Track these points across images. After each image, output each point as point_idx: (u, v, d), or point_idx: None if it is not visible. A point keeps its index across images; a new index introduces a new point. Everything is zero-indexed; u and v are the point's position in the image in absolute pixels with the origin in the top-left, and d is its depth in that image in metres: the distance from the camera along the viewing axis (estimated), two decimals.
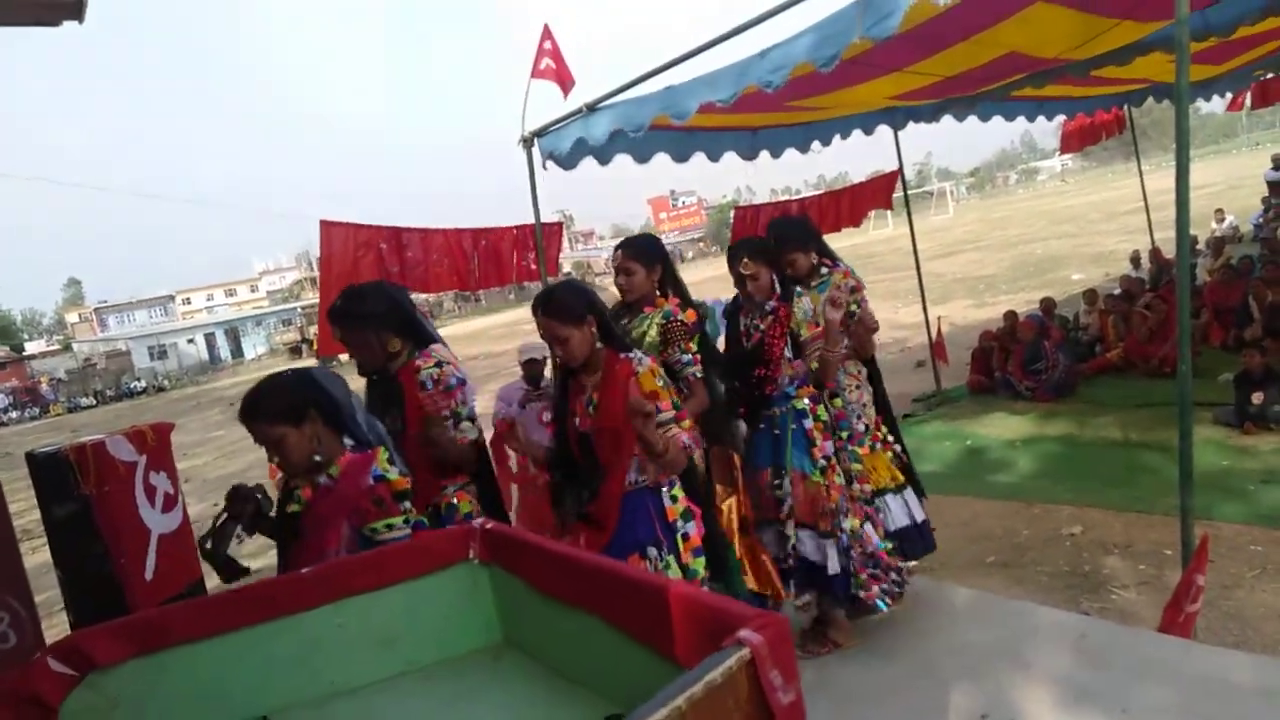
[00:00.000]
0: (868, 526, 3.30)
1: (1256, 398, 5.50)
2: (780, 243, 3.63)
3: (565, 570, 1.54)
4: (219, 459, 12.84)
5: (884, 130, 7.53)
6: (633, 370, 2.53)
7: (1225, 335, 7.51)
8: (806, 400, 3.28)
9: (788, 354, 3.28)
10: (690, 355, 3.13)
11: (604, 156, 5.48)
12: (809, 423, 3.26)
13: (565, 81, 5.33)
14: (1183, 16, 2.80)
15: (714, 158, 6.35)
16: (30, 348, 62.69)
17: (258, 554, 5.83)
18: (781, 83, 3.86)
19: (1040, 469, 5.55)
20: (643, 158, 5.77)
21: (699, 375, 3.13)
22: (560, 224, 6.46)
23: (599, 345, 2.60)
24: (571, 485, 2.71)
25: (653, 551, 2.56)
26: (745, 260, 3.30)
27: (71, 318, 74.18)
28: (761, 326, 3.30)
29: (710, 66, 4.25)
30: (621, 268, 3.34)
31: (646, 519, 2.58)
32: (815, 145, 7.08)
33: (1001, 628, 3.25)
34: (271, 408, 2.12)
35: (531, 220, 5.79)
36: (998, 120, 8.31)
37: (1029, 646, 3.07)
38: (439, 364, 2.86)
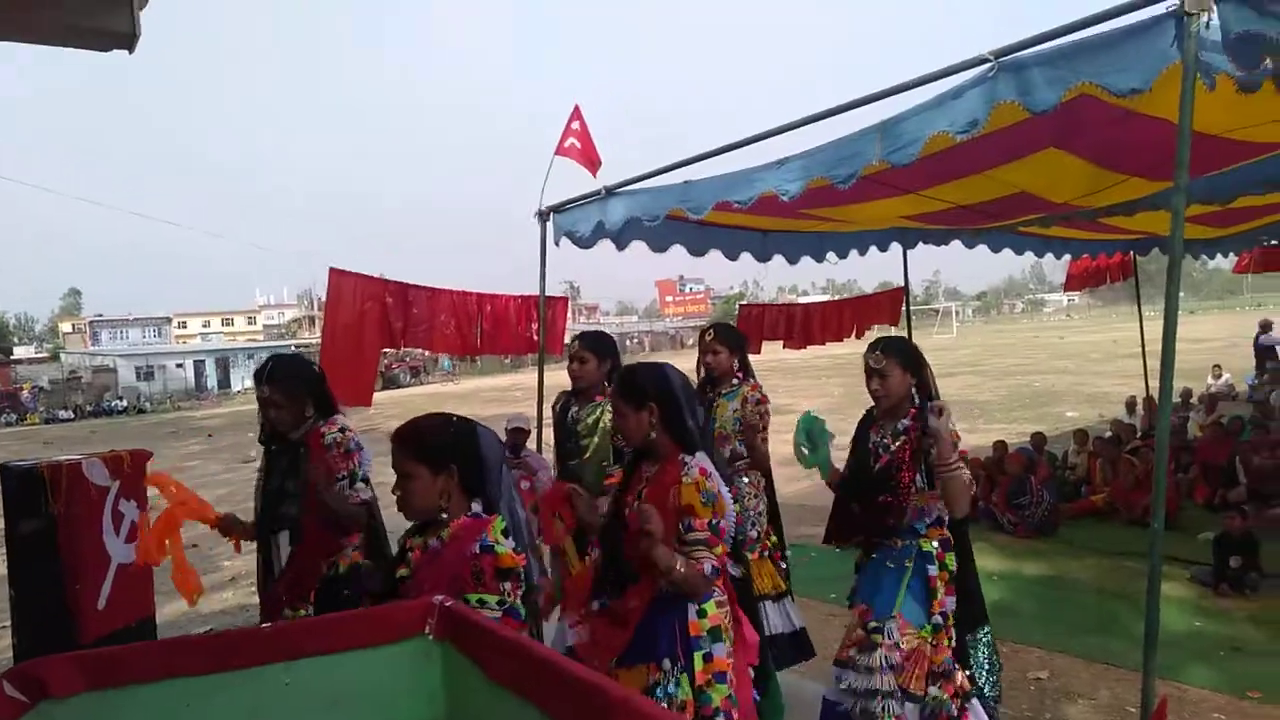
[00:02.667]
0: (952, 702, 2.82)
1: (1234, 561, 5.48)
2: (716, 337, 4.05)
3: (516, 659, 1.52)
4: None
5: (894, 248, 7.70)
6: (679, 478, 2.37)
7: (1211, 493, 7.50)
8: (936, 543, 2.89)
9: (919, 483, 2.87)
10: None
11: (621, 241, 5.58)
12: (933, 570, 2.85)
13: (592, 162, 5.47)
14: (1182, 184, 2.89)
15: (730, 256, 6.48)
16: (19, 353, 62.53)
17: None
18: (798, 193, 3.97)
19: (1014, 606, 5.48)
20: (659, 247, 5.88)
21: None
22: (566, 298, 6.54)
23: (654, 436, 2.48)
24: (608, 571, 2.55)
25: (667, 665, 2.34)
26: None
27: (65, 328, 74.28)
28: (892, 447, 2.94)
29: (730, 164, 4.38)
30: (576, 356, 3.76)
31: (669, 631, 2.37)
32: (831, 256, 7.21)
33: None
34: (420, 443, 2.10)
35: (537, 290, 5.88)
36: (1008, 249, 8.47)
37: None
38: (341, 430, 3.15)
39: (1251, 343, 14.84)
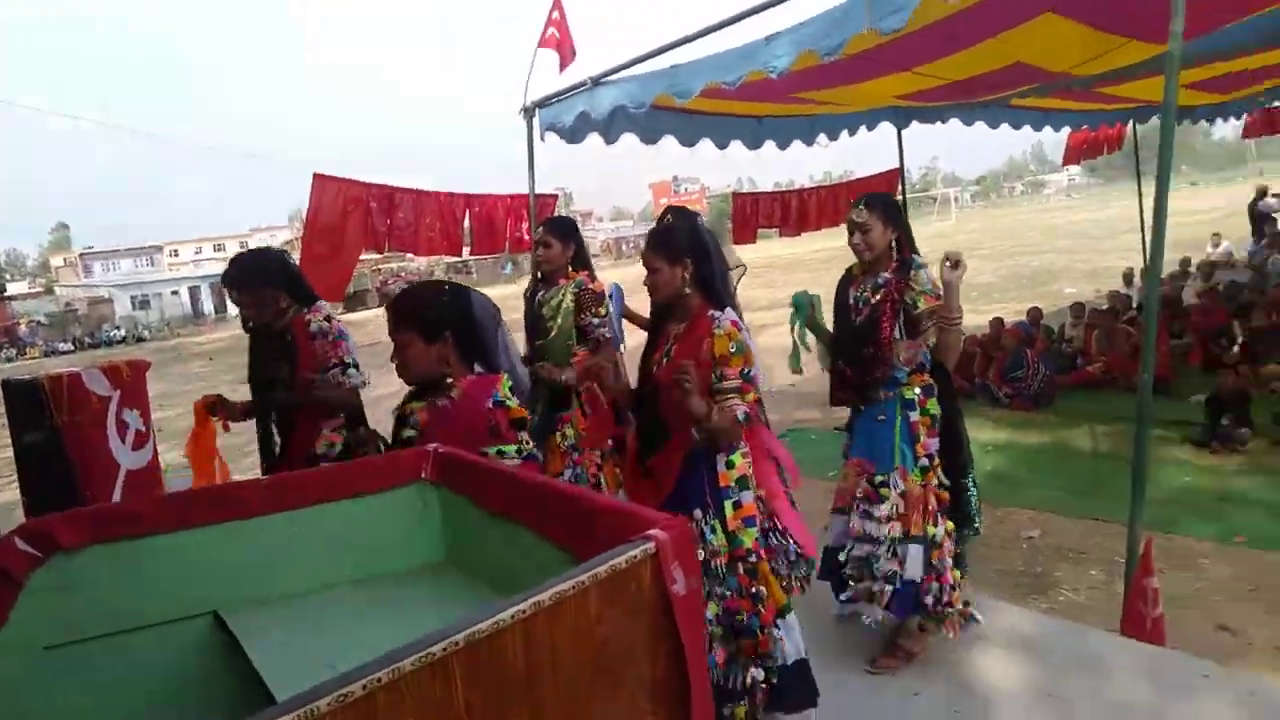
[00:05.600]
0: (947, 540, 3.00)
1: (1225, 419, 5.62)
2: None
3: (505, 489, 1.65)
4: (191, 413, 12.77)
5: (889, 132, 7.58)
6: (711, 329, 2.44)
7: (1206, 357, 7.61)
8: (918, 390, 2.97)
9: (898, 333, 2.96)
10: (600, 319, 3.82)
11: (610, 134, 5.50)
12: (915, 415, 2.95)
13: (565, 52, 5.34)
14: (1176, 32, 2.86)
15: (721, 145, 6.38)
16: (12, 289, 62.16)
17: None
18: (786, 68, 3.91)
19: (1009, 475, 5.65)
20: (650, 138, 5.80)
21: (607, 335, 3.84)
22: (555, 196, 6.50)
23: (688, 292, 2.53)
24: (646, 430, 2.63)
25: (698, 514, 2.46)
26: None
27: (56, 261, 73.52)
28: (872, 300, 3.00)
29: (716, 49, 4.29)
30: (541, 241, 3.91)
31: (699, 482, 2.49)
32: (821, 138, 7.11)
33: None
34: (414, 313, 2.18)
35: (527, 191, 5.84)
36: (1006, 129, 8.33)
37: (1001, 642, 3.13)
38: (327, 317, 3.23)
39: (1247, 209, 14.72)
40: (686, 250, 2.52)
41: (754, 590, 2.46)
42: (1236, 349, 7.33)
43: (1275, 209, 14.29)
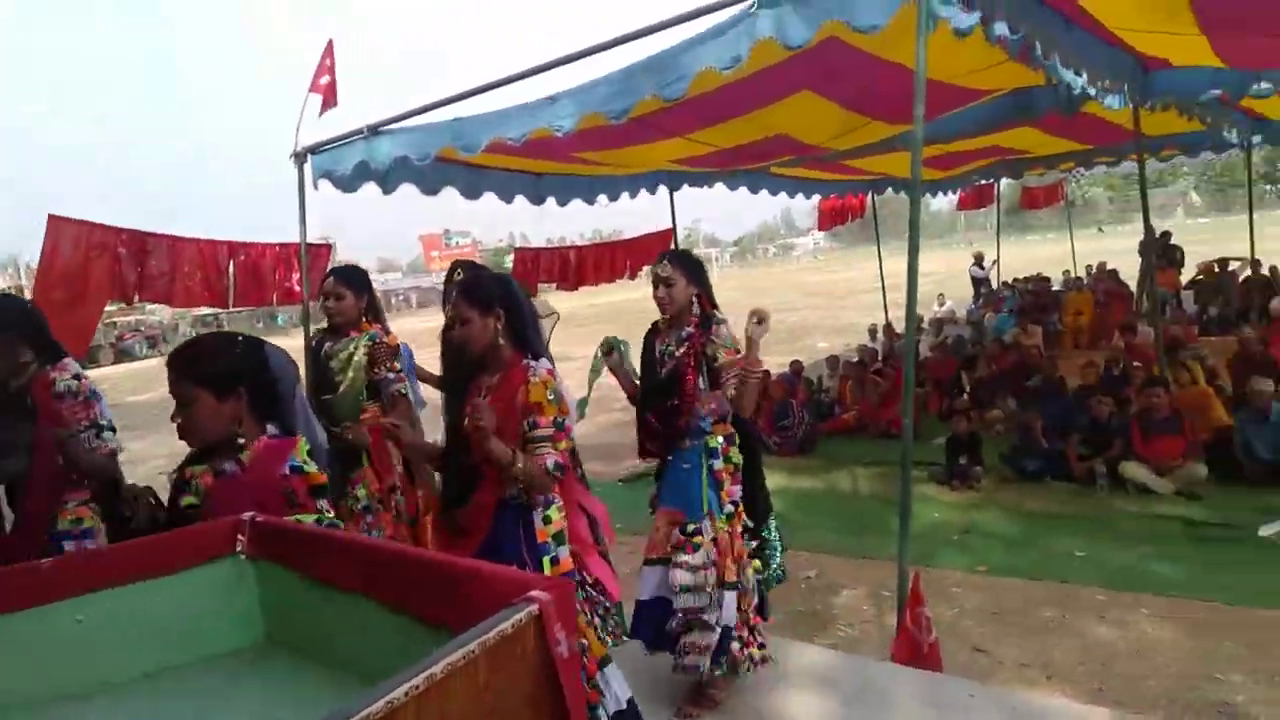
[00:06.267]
0: (752, 587, 3.07)
1: (962, 459, 6.30)
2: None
3: (344, 556, 1.49)
4: None
5: (659, 195, 7.97)
6: (526, 378, 2.41)
7: (941, 404, 8.51)
8: (721, 439, 3.05)
9: (702, 384, 3.03)
10: (396, 374, 3.62)
11: (388, 184, 5.35)
12: (718, 464, 3.03)
13: (329, 100, 5.16)
14: (918, 116, 3.23)
15: (506, 199, 6.40)
16: None
17: None
18: (572, 129, 3.99)
19: (786, 518, 5.84)
20: (431, 189, 5.70)
21: (403, 392, 3.62)
22: (328, 246, 6.20)
23: (501, 342, 2.48)
24: (453, 483, 2.56)
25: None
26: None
27: None
28: (676, 353, 3.07)
29: (501, 105, 4.31)
30: (332, 292, 3.65)
31: (514, 537, 2.42)
32: (602, 198, 7.33)
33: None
34: (203, 366, 1.92)
35: (295, 240, 5.53)
36: (763, 195, 9.05)
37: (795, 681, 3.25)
38: (76, 375, 2.89)
39: (969, 273, 16.83)
40: (498, 300, 2.49)
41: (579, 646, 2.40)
42: (965, 396, 8.26)
43: (983, 274, 16.48)
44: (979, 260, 16.48)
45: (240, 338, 2.07)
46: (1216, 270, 12.51)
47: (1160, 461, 5.75)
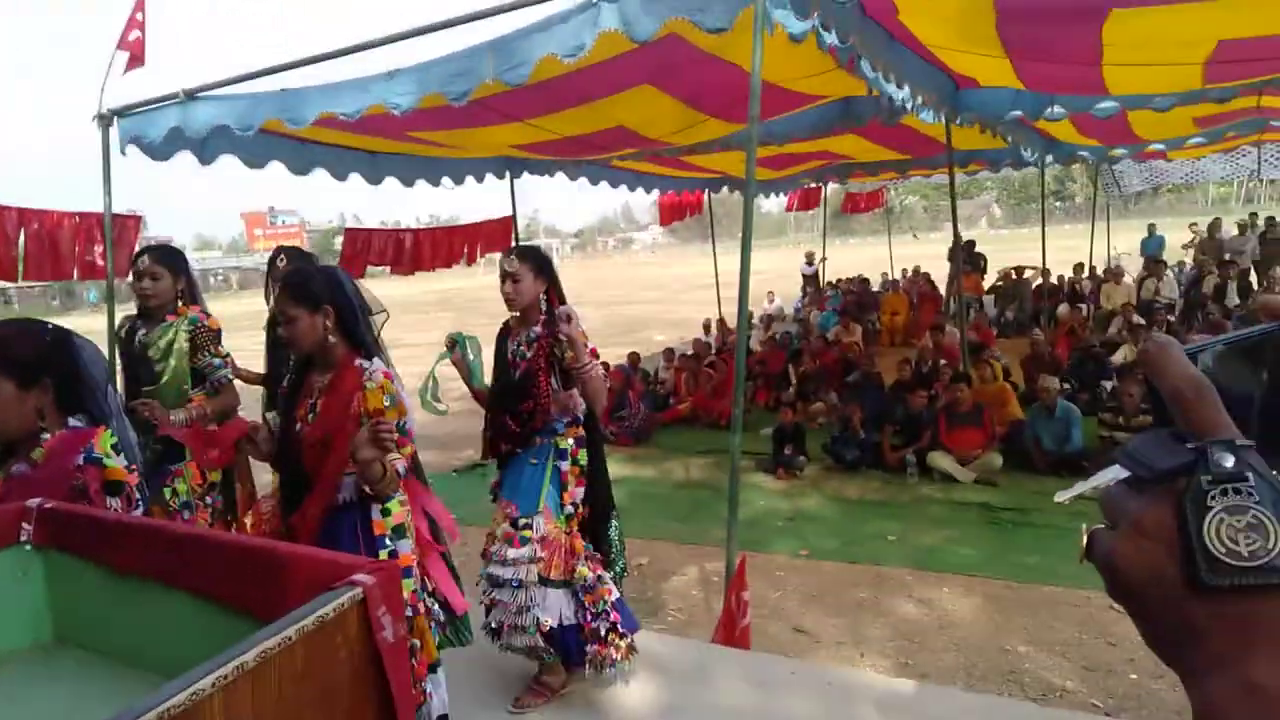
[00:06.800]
0: (605, 582, 3.05)
1: (788, 449, 6.59)
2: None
3: (147, 543, 1.37)
4: None
5: (499, 186, 7.88)
6: (361, 384, 2.30)
7: (769, 396, 8.88)
8: (572, 441, 3.04)
9: (555, 384, 2.98)
10: (221, 359, 3.45)
11: (205, 154, 4.98)
12: (565, 465, 3.02)
13: (136, 56, 4.75)
14: (754, 115, 3.33)
15: (339, 176, 6.10)
16: None
17: None
18: (410, 107, 3.85)
19: (621, 507, 6.00)
20: (256, 162, 5.36)
21: (229, 378, 3.47)
22: (139, 217, 5.70)
23: (332, 341, 2.35)
24: (287, 488, 2.43)
25: None
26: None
27: None
28: (527, 354, 3.00)
29: (334, 78, 4.10)
30: (147, 272, 3.38)
31: (351, 537, 2.33)
32: (446, 180, 7.14)
33: None
34: (5, 354, 1.75)
35: (99, 209, 5.05)
36: (603, 187, 9.11)
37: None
38: None
39: (800, 272, 17.63)
40: (326, 297, 2.36)
41: (409, 643, 2.32)
42: (791, 389, 8.65)
43: (811, 271, 17.33)
44: (810, 258, 17.31)
45: (50, 325, 1.89)
46: (1014, 277, 13.72)
47: (963, 452, 6.24)
